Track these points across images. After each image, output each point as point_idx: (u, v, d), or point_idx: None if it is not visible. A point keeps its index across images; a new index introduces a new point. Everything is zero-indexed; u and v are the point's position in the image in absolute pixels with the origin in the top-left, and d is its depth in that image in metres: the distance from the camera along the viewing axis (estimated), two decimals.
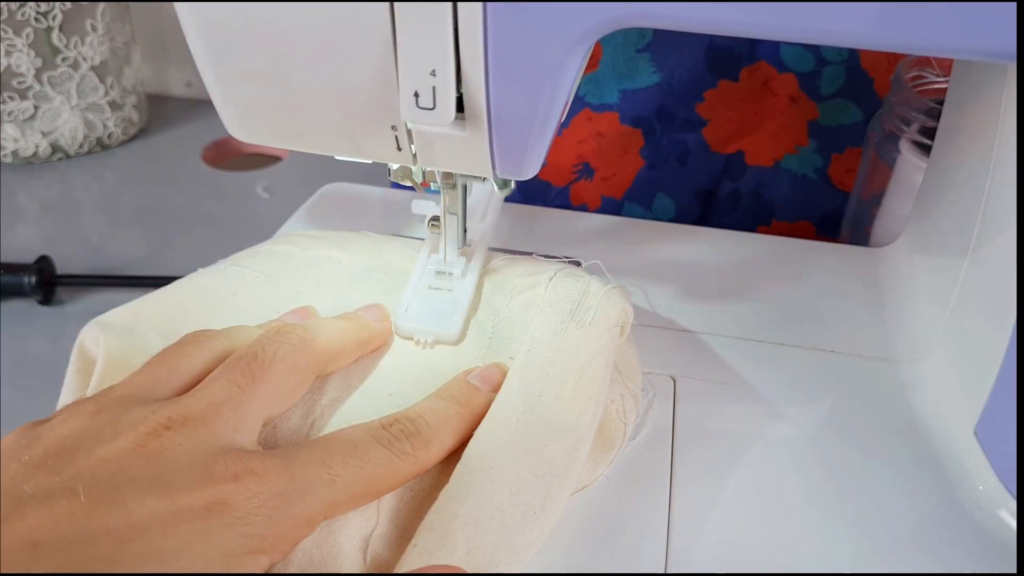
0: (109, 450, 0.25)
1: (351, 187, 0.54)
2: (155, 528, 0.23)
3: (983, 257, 0.38)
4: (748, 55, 0.60)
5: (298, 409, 0.33)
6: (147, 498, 0.24)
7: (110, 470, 0.24)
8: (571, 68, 0.28)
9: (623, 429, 0.36)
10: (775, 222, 0.66)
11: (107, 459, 0.25)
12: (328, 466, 0.27)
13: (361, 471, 0.27)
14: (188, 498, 0.24)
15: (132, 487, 0.24)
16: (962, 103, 0.41)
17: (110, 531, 0.23)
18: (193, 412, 0.27)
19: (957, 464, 0.36)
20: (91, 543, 0.22)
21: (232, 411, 0.28)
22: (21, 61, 0.66)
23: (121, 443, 0.25)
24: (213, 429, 0.27)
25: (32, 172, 0.71)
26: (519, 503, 0.30)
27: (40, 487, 0.24)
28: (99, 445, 0.25)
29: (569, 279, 0.37)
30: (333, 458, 0.27)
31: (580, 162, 0.65)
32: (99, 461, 0.25)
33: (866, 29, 0.25)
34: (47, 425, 0.26)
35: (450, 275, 0.40)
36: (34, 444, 0.25)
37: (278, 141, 0.33)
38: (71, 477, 0.24)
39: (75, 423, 0.26)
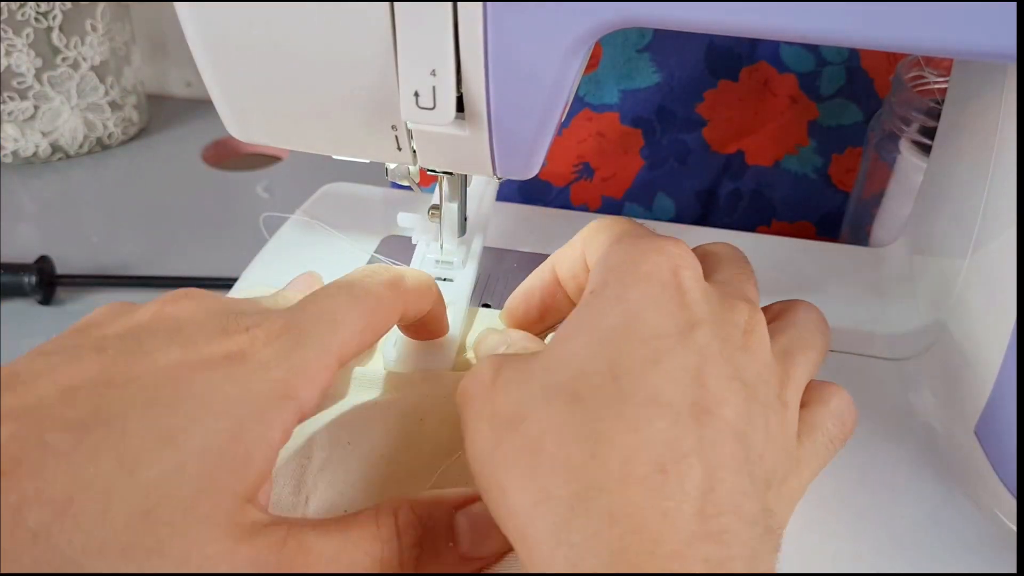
0: (130, 319, 0.26)
1: (351, 187, 0.54)
2: (183, 373, 0.24)
3: (983, 257, 0.38)
4: (748, 55, 0.60)
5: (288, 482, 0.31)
6: (170, 348, 0.24)
7: (132, 332, 0.25)
8: (571, 68, 0.28)
9: None
10: (775, 222, 0.66)
11: (129, 325, 0.26)
12: (328, 310, 0.27)
13: (356, 305, 0.28)
14: (208, 348, 0.25)
15: (155, 341, 0.25)
16: (962, 103, 0.41)
17: (141, 376, 0.24)
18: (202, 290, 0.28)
19: (957, 463, 0.36)
20: (125, 387, 0.23)
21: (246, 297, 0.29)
22: (21, 61, 0.66)
23: (140, 314, 0.26)
24: (222, 300, 0.28)
25: (32, 172, 0.71)
26: None
27: (67, 347, 0.24)
28: (120, 318, 0.26)
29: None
30: (326, 302, 0.28)
31: (580, 162, 0.65)
32: (122, 327, 0.26)
33: (866, 29, 0.25)
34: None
35: (450, 264, 0.40)
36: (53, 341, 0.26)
37: (278, 141, 0.33)
38: (97, 339, 0.25)
39: (99, 309, 0.27)
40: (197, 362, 0.24)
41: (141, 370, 0.24)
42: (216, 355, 0.24)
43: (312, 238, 0.47)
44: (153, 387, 0.23)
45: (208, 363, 0.24)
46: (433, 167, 0.34)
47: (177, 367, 0.24)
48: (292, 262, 0.43)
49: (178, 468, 0.22)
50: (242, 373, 0.24)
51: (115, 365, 0.24)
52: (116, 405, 0.23)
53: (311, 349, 0.26)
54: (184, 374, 0.24)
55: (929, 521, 0.34)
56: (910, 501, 0.35)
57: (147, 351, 0.24)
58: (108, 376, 0.23)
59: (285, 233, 0.48)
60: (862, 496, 0.35)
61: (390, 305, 0.30)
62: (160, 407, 0.23)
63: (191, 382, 0.24)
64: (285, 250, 0.47)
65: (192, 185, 0.71)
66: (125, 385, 0.23)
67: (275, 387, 0.24)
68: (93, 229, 0.64)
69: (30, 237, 0.63)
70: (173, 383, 0.24)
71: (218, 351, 0.25)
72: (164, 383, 0.23)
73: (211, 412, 0.23)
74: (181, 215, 0.66)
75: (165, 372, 0.24)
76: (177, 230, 0.64)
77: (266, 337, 0.25)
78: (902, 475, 0.36)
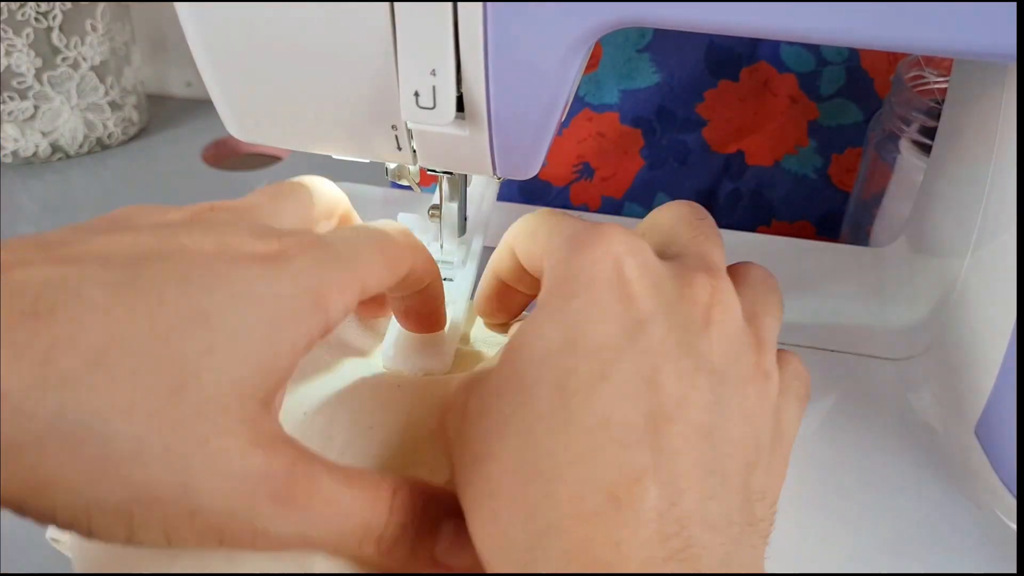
0: (162, 216, 0.26)
1: (351, 186, 0.54)
2: (219, 262, 0.23)
3: (983, 257, 0.38)
4: (748, 55, 0.60)
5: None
6: (205, 240, 0.24)
7: (167, 223, 0.25)
8: (571, 68, 0.28)
9: None
10: (775, 222, 0.66)
11: (161, 219, 0.26)
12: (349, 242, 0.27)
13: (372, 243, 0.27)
14: (243, 247, 0.24)
15: (189, 233, 0.24)
16: (962, 103, 0.41)
17: (177, 256, 0.23)
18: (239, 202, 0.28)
19: (957, 464, 0.36)
20: (161, 262, 0.22)
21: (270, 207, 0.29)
22: (21, 61, 0.66)
23: (172, 215, 0.26)
24: (254, 214, 0.28)
25: (32, 172, 0.71)
26: None
27: (98, 227, 0.24)
28: (152, 214, 0.26)
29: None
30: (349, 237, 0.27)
31: (580, 162, 0.65)
32: (153, 220, 0.25)
33: (866, 28, 0.25)
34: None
35: (450, 264, 0.40)
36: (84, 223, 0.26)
37: (278, 141, 0.33)
38: (131, 228, 0.24)
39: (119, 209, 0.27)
40: (232, 256, 0.23)
41: (177, 252, 0.23)
42: (251, 253, 0.24)
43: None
44: (189, 268, 0.23)
45: (243, 258, 0.24)
46: (433, 167, 0.34)
47: (213, 256, 0.23)
48: None
49: (209, 349, 0.22)
50: (275, 274, 0.24)
51: (152, 243, 0.23)
52: (153, 275, 0.22)
53: (340, 271, 0.25)
54: (219, 263, 0.23)
55: (929, 521, 0.34)
56: (910, 501, 0.35)
57: (182, 239, 0.24)
58: (145, 251, 0.23)
59: None
60: (862, 496, 0.35)
61: (404, 248, 0.29)
62: (195, 287, 0.22)
63: (227, 271, 0.23)
64: None
65: (192, 185, 0.71)
66: (161, 260, 0.22)
67: (308, 294, 0.24)
68: None
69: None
70: (209, 268, 0.23)
71: (252, 250, 0.24)
72: (200, 266, 0.23)
73: (245, 302, 0.23)
74: None
75: (201, 258, 0.23)
76: None
77: (299, 246, 0.25)
78: (902, 475, 0.36)
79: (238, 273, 0.23)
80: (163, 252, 0.23)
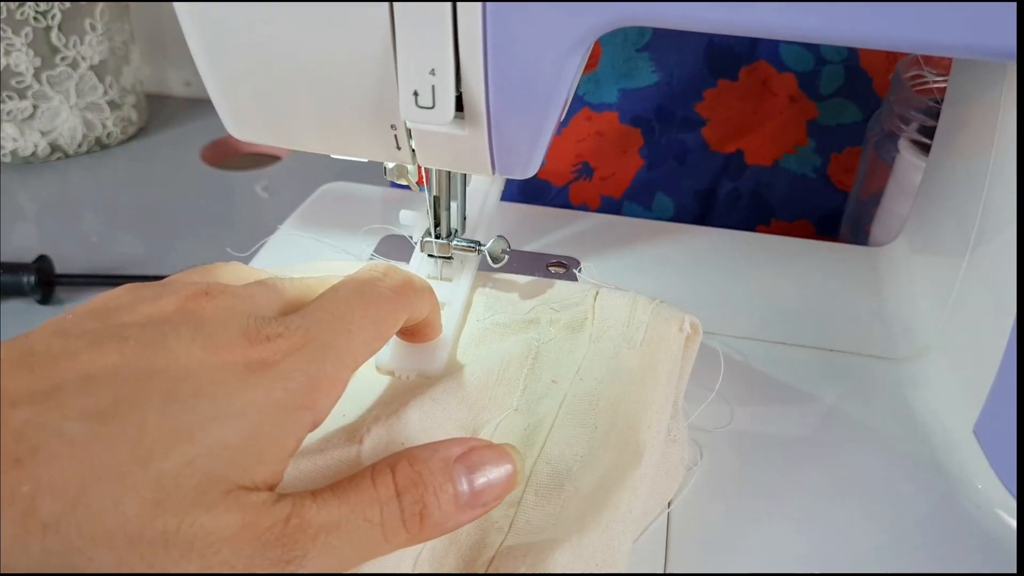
0: (153, 308, 0.26)
1: (350, 186, 0.54)
2: (205, 373, 0.24)
3: (982, 256, 0.38)
4: (747, 54, 0.60)
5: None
6: (194, 349, 0.24)
7: (155, 323, 0.25)
8: (570, 67, 0.28)
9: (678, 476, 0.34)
10: (774, 221, 0.66)
11: (151, 315, 0.26)
12: (341, 318, 0.27)
13: (367, 314, 0.28)
14: (230, 354, 0.24)
15: (178, 337, 0.24)
16: (961, 102, 0.41)
17: (162, 371, 0.23)
18: (230, 287, 0.28)
19: (956, 463, 0.36)
20: (145, 379, 0.23)
21: (266, 293, 0.28)
22: (20, 60, 0.66)
23: (163, 304, 0.26)
24: (247, 301, 0.27)
25: (31, 171, 0.71)
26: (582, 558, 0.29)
27: (89, 332, 0.24)
28: (142, 304, 0.26)
29: (614, 297, 0.36)
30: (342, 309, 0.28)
31: (579, 161, 0.65)
32: (144, 316, 0.25)
33: (865, 28, 0.25)
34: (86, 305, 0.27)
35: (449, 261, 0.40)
36: (77, 308, 0.26)
37: (277, 140, 0.33)
38: (119, 326, 0.25)
39: (117, 292, 0.27)
40: (219, 365, 0.24)
41: (163, 364, 0.23)
42: (238, 361, 0.24)
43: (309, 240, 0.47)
44: (174, 383, 0.23)
45: (229, 367, 0.24)
46: (432, 166, 0.34)
47: (199, 367, 0.24)
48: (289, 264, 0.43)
49: (190, 462, 0.22)
50: (262, 381, 0.24)
51: (137, 357, 0.23)
52: (135, 398, 0.23)
53: (328, 361, 0.26)
54: (205, 375, 0.24)
55: (929, 521, 0.34)
56: (909, 501, 0.35)
57: (170, 347, 0.24)
58: (129, 367, 0.23)
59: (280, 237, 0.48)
60: (861, 495, 0.35)
61: (398, 311, 0.30)
62: (179, 403, 0.23)
63: (212, 384, 0.24)
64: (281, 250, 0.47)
65: (191, 185, 0.71)
66: (146, 378, 0.23)
67: (293, 398, 0.25)
68: (92, 229, 0.64)
69: (29, 237, 0.63)
70: (194, 382, 0.23)
71: (240, 358, 0.25)
72: (185, 380, 0.23)
73: (229, 414, 0.23)
74: (180, 215, 0.66)
75: (187, 370, 0.24)
76: (176, 230, 0.64)
77: (287, 348, 0.25)
78: (901, 475, 0.36)
79: (224, 385, 0.24)
80: (148, 369, 0.23)
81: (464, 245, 0.39)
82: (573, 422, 0.33)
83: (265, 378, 0.24)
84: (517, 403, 0.34)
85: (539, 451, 0.32)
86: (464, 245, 0.39)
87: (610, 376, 0.34)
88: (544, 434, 0.33)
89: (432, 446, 0.27)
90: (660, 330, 0.34)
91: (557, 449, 0.32)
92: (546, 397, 0.34)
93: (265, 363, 0.25)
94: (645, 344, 0.34)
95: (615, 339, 0.35)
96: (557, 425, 0.33)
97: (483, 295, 0.39)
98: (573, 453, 0.32)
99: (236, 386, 0.24)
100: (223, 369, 0.24)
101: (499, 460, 0.27)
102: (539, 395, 0.34)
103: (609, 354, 0.35)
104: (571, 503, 0.30)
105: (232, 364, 0.24)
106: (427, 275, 0.40)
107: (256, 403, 0.24)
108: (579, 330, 0.36)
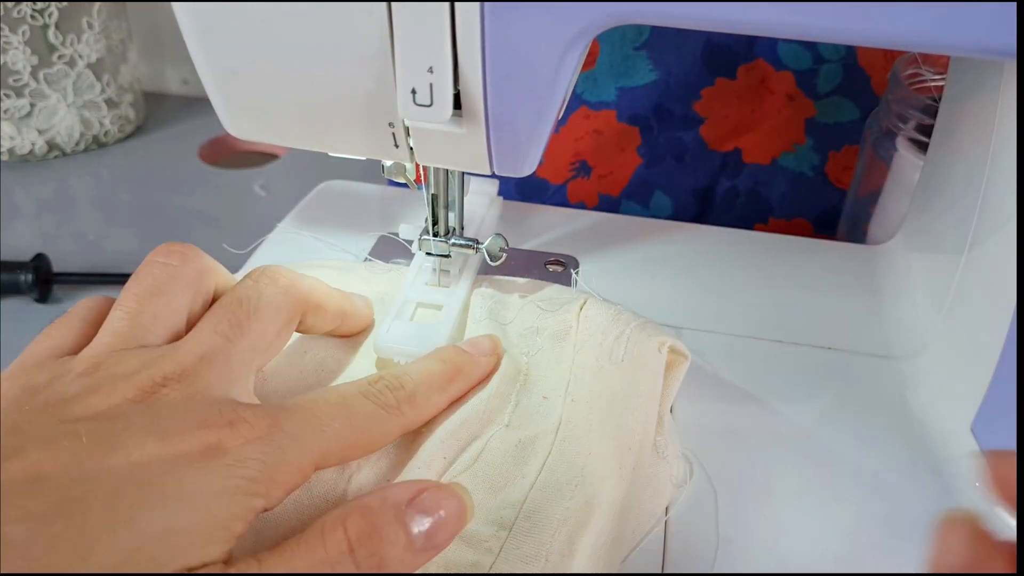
0: (107, 402, 0.26)
1: (348, 184, 0.54)
2: (154, 467, 0.24)
3: (980, 254, 0.38)
4: (745, 53, 0.60)
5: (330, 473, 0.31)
6: (146, 441, 0.24)
7: (109, 418, 0.25)
8: (568, 66, 0.28)
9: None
10: (772, 220, 0.66)
11: (106, 410, 0.25)
12: (318, 417, 0.28)
13: (349, 422, 0.28)
14: (185, 442, 0.25)
15: (130, 432, 0.24)
16: (959, 100, 0.41)
17: (111, 469, 0.23)
18: (186, 367, 0.27)
19: (954, 461, 0.36)
20: (93, 479, 0.23)
21: (223, 363, 0.28)
22: (17, 58, 0.66)
23: (118, 397, 0.26)
24: (206, 381, 0.27)
25: (28, 170, 0.71)
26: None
27: (41, 429, 0.24)
28: (98, 396, 0.26)
29: (600, 309, 0.36)
30: (321, 409, 0.28)
31: (577, 160, 0.65)
32: (98, 412, 0.25)
33: (863, 26, 0.25)
34: (41, 380, 0.27)
35: (446, 272, 0.40)
36: (32, 398, 0.26)
37: (275, 138, 0.33)
38: (72, 422, 0.25)
39: (70, 379, 0.27)
40: (172, 456, 0.24)
41: (114, 462, 0.24)
42: (193, 449, 0.25)
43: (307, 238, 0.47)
44: (122, 480, 0.23)
45: (183, 458, 0.24)
46: (430, 164, 0.34)
47: (150, 462, 0.24)
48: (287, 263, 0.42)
49: (136, 549, 0.22)
50: (215, 467, 0.24)
51: (88, 456, 0.24)
52: (81, 496, 0.23)
53: (291, 453, 0.26)
54: (156, 469, 0.24)
55: (927, 520, 0.34)
56: (908, 499, 0.35)
57: (123, 443, 0.24)
58: (79, 467, 0.23)
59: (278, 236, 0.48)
60: (859, 494, 0.35)
61: (386, 429, 0.30)
62: (125, 498, 0.23)
63: (162, 473, 0.24)
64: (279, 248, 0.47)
65: (189, 183, 0.70)
66: (95, 476, 0.23)
67: (247, 485, 0.25)
68: (89, 227, 0.64)
69: (26, 235, 0.63)
70: (144, 476, 0.24)
71: (195, 445, 0.25)
72: (135, 475, 0.24)
73: (175, 501, 0.23)
74: (178, 213, 0.66)
75: (137, 466, 0.24)
76: (174, 228, 0.64)
77: (248, 435, 0.26)
78: (899, 473, 0.36)
79: (171, 475, 0.24)
80: (97, 468, 0.23)
81: (462, 243, 0.39)
82: (574, 450, 0.32)
83: (220, 464, 0.24)
84: (509, 419, 0.34)
85: (534, 479, 0.32)
86: (462, 243, 0.39)
87: (595, 397, 0.34)
88: (541, 459, 0.32)
89: (381, 493, 0.27)
90: (642, 346, 0.34)
91: (552, 479, 0.32)
92: (537, 414, 0.34)
93: (222, 448, 0.25)
94: (627, 359, 0.34)
95: (596, 351, 0.35)
96: (554, 454, 0.32)
97: (480, 295, 0.39)
98: (569, 480, 0.32)
99: (187, 473, 0.24)
100: (176, 461, 0.24)
101: (448, 499, 0.27)
102: (531, 411, 0.34)
103: (593, 369, 0.34)
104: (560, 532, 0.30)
105: (187, 452, 0.24)
106: (425, 282, 0.40)
107: (206, 488, 0.24)
108: (563, 339, 0.36)
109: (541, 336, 0.37)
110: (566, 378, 0.35)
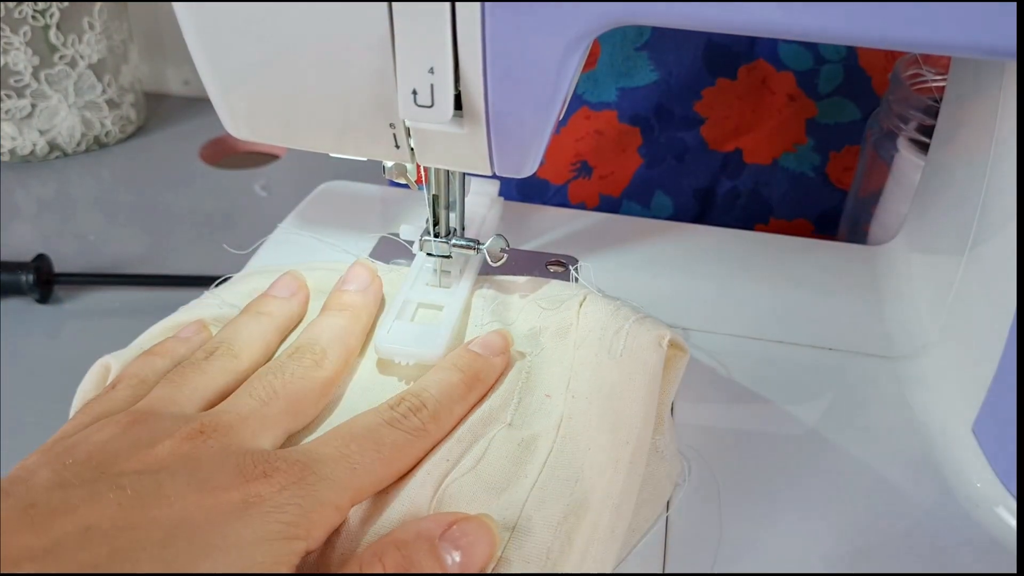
0: (149, 454, 0.27)
1: (349, 185, 0.54)
2: (200, 517, 0.25)
3: (981, 255, 0.38)
4: (746, 53, 0.60)
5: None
6: (188, 494, 0.26)
7: (152, 471, 0.26)
8: (569, 66, 0.28)
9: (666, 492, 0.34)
10: (773, 220, 0.66)
11: (148, 462, 0.27)
12: (347, 456, 0.29)
13: (378, 455, 0.29)
14: (226, 494, 0.26)
15: (174, 484, 0.26)
16: (960, 101, 0.41)
17: (158, 520, 0.25)
18: (223, 421, 0.29)
19: (955, 461, 0.36)
20: (142, 529, 0.24)
21: (258, 421, 0.30)
22: (18, 59, 0.66)
23: (159, 449, 0.27)
24: (241, 435, 0.29)
25: (29, 170, 0.71)
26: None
27: (87, 482, 0.25)
28: (139, 450, 0.27)
29: (599, 305, 0.36)
30: (350, 447, 0.29)
31: (578, 160, 0.65)
32: (141, 463, 0.27)
33: (864, 26, 0.25)
34: (81, 435, 0.28)
35: (447, 273, 0.40)
36: (73, 450, 0.27)
37: (276, 139, 0.33)
38: (116, 475, 0.26)
39: (111, 432, 0.28)
40: (214, 506, 0.25)
41: (158, 513, 0.25)
42: (233, 501, 0.26)
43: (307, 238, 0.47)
44: (169, 529, 0.24)
45: (225, 508, 0.25)
46: (431, 165, 0.34)
47: (194, 511, 0.25)
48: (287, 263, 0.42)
49: None
50: (257, 516, 0.26)
51: (134, 507, 0.25)
52: (131, 547, 0.24)
53: (326, 492, 0.27)
54: (201, 518, 0.25)
55: (928, 520, 0.34)
56: (908, 499, 0.35)
57: (165, 494, 0.25)
58: (126, 518, 0.24)
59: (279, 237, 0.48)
60: (859, 494, 0.35)
61: (415, 453, 0.31)
62: (174, 548, 0.24)
63: (207, 523, 0.25)
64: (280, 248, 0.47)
65: (190, 183, 0.71)
66: (142, 527, 0.24)
67: (287, 530, 0.26)
68: (90, 227, 0.64)
69: (27, 235, 0.63)
70: (189, 527, 0.25)
71: (236, 497, 0.26)
72: (180, 526, 0.25)
73: (222, 550, 0.24)
74: (178, 213, 0.66)
75: (182, 516, 0.25)
76: (174, 228, 0.64)
77: (283, 482, 0.27)
78: (900, 473, 0.36)
79: (219, 526, 0.25)
80: (144, 518, 0.25)
81: (463, 244, 0.39)
82: (573, 447, 0.32)
83: (260, 511, 0.26)
84: (511, 418, 0.34)
85: (536, 478, 0.32)
86: (463, 244, 0.39)
87: (594, 391, 0.34)
88: (542, 458, 0.32)
89: (413, 526, 0.28)
90: (640, 340, 0.34)
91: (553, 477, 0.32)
92: (539, 413, 0.34)
93: (261, 498, 0.26)
94: (625, 354, 0.34)
95: (596, 346, 0.35)
96: (555, 452, 0.32)
97: (481, 297, 0.39)
98: (569, 476, 0.32)
99: (230, 522, 0.25)
100: (218, 508, 0.25)
101: (478, 530, 0.28)
102: (533, 410, 0.34)
103: (592, 364, 0.34)
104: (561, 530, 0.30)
105: (227, 503, 0.26)
106: (426, 282, 0.40)
107: (249, 537, 0.25)
108: (564, 336, 0.36)
109: (543, 336, 0.37)
110: (567, 375, 0.35)
